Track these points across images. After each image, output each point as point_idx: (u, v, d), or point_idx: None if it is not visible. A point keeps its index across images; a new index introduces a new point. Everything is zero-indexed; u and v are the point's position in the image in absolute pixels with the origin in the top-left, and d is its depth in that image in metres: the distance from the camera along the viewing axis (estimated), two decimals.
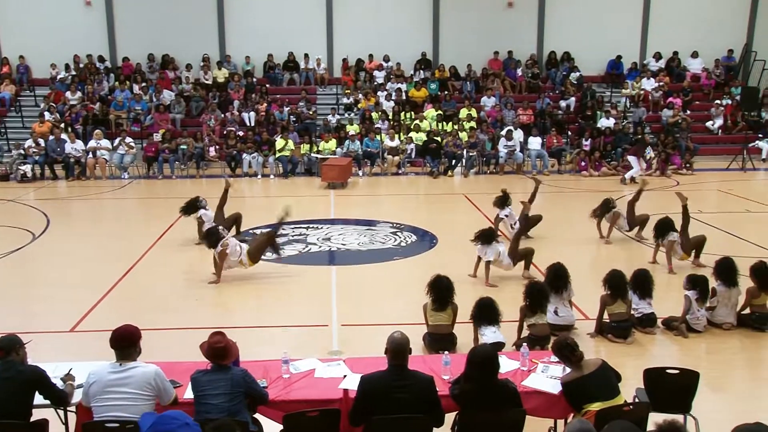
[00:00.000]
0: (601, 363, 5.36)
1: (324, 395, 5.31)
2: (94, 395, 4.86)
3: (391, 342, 5.00)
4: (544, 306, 7.53)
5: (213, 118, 21.40)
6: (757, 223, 13.70)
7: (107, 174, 19.30)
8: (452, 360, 5.62)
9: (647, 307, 8.10)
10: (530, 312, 7.45)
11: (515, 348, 7.05)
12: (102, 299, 9.42)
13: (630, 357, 7.40)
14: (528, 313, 7.46)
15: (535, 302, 7.45)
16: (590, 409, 5.07)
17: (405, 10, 24.66)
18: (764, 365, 7.64)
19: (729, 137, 22.06)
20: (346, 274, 10.66)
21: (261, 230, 12.18)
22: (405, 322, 7.53)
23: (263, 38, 24.21)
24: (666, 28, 24.73)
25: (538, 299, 7.46)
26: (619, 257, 11.21)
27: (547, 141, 20.46)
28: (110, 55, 24.39)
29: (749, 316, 8.21)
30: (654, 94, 23.15)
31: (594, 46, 24.51)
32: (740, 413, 6.04)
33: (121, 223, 14.72)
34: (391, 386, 4.87)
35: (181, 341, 7.51)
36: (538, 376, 5.63)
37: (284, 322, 8.65)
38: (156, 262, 11.25)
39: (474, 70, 24.31)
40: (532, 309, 7.45)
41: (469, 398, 4.99)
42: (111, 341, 4.95)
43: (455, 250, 11.32)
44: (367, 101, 22.54)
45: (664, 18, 24.73)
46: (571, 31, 24.65)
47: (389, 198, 17.34)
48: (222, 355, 5.02)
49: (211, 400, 4.86)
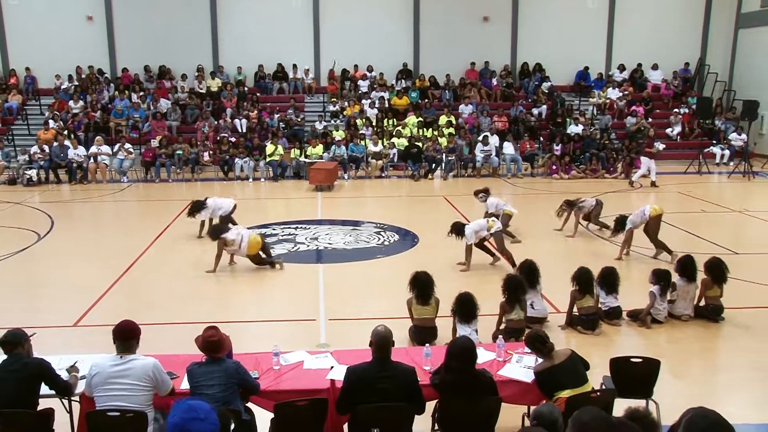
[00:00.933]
0: (570, 353, 5.39)
1: (312, 385, 5.30)
2: (96, 386, 4.83)
3: (375, 335, 4.99)
4: (522, 300, 7.52)
5: (207, 125, 21.29)
6: (711, 222, 13.85)
7: (107, 178, 19.15)
8: (433, 352, 5.63)
9: (613, 301, 8.16)
10: (510, 307, 7.45)
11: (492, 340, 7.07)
12: (103, 296, 9.35)
13: (597, 347, 7.45)
14: (508, 308, 7.46)
15: (513, 296, 7.44)
16: (561, 396, 5.09)
17: (387, 24, 24.64)
18: (718, 352, 7.72)
19: (686, 143, 22.25)
20: (332, 271, 10.64)
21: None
22: (388, 317, 7.54)
23: (254, 50, 24.13)
24: (629, 42, 24.94)
25: (516, 293, 7.45)
26: (586, 253, 11.27)
27: (521, 146, 20.53)
28: (110, 66, 24.21)
29: (705, 307, 8.30)
30: (618, 102, 23.32)
31: (563, 58, 24.64)
32: (696, 396, 6.13)
33: (121, 224, 14.61)
34: (375, 377, 4.87)
35: (177, 335, 7.46)
36: (513, 366, 5.65)
37: (275, 317, 8.63)
38: (154, 261, 11.18)
39: (452, 79, 24.36)
40: (511, 303, 7.44)
41: (448, 387, 4.99)
42: (114, 334, 4.93)
43: (436, 249, 11.34)
44: (352, 109, 22.52)
45: (627, 33, 24.94)
46: (542, 44, 24.76)
47: (373, 200, 17.32)
48: (216, 348, 4.98)
49: (205, 391, 4.83)
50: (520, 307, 7.49)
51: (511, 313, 7.44)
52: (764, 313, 8.57)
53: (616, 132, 22.21)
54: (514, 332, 7.28)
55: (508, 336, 7.08)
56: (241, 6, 24.18)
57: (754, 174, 19.24)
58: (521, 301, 7.50)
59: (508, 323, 7.43)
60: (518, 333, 7.25)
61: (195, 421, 4.02)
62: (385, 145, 20.46)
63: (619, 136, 21.95)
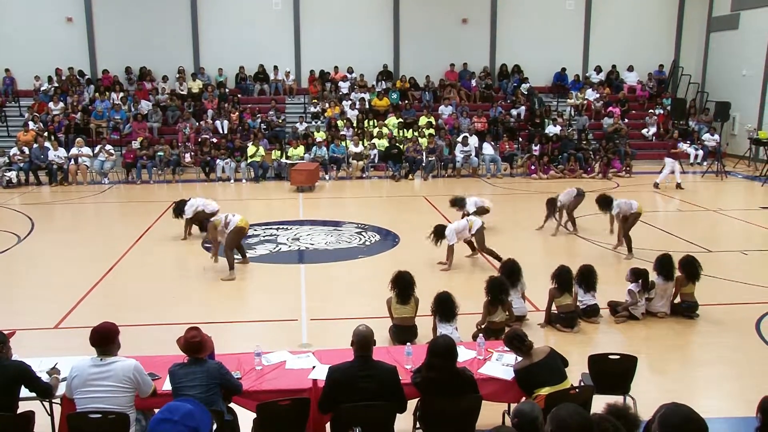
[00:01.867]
0: (549, 351, 5.41)
1: (294, 385, 5.28)
2: (76, 388, 4.78)
3: (357, 335, 4.98)
4: (506, 301, 7.54)
5: (188, 126, 21.14)
6: (686, 221, 14.01)
7: (88, 179, 18.95)
8: (414, 351, 5.63)
9: (591, 299, 8.22)
10: (493, 308, 7.46)
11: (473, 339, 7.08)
12: (84, 297, 9.24)
13: (576, 344, 7.49)
14: (491, 308, 7.47)
15: (496, 297, 7.45)
16: (540, 393, 5.11)
17: (368, 26, 24.62)
18: (693, 348, 7.80)
19: (661, 143, 22.47)
20: (314, 271, 10.61)
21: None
22: (370, 316, 7.53)
23: (235, 51, 24.00)
24: (605, 44, 25.15)
25: (499, 294, 7.46)
26: (566, 252, 11.36)
27: (500, 146, 20.61)
28: (91, 67, 23.91)
29: (680, 305, 8.40)
30: (596, 103, 23.51)
31: (541, 60, 24.80)
32: (673, 392, 6.18)
33: (102, 225, 14.47)
34: (356, 376, 4.86)
35: (159, 336, 7.40)
36: (493, 364, 5.66)
37: (256, 317, 8.59)
38: (135, 263, 11.07)
39: (432, 81, 24.41)
40: (494, 304, 7.45)
41: (429, 386, 4.99)
42: (90, 339, 4.86)
43: (416, 248, 11.35)
44: (332, 110, 22.48)
45: (604, 35, 25.15)
46: (520, 46, 24.89)
47: (354, 200, 17.30)
48: (198, 349, 4.94)
49: (187, 392, 4.79)
50: (503, 308, 7.51)
51: (494, 314, 7.46)
52: (737, 309, 8.68)
53: (593, 132, 22.40)
54: (494, 332, 7.29)
55: (489, 335, 7.10)
56: (221, 7, 24.04)
57: (727, 174, 19.51)
58: (504, 303, 7.52)
59: (490, 324, 7.44)
60: (499, 333, 7.26)
61: (164, 423, 3.99)
62: (365, 146, 20.45)
63: (596, 136, 22.13)
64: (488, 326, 7.42)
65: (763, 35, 21.77)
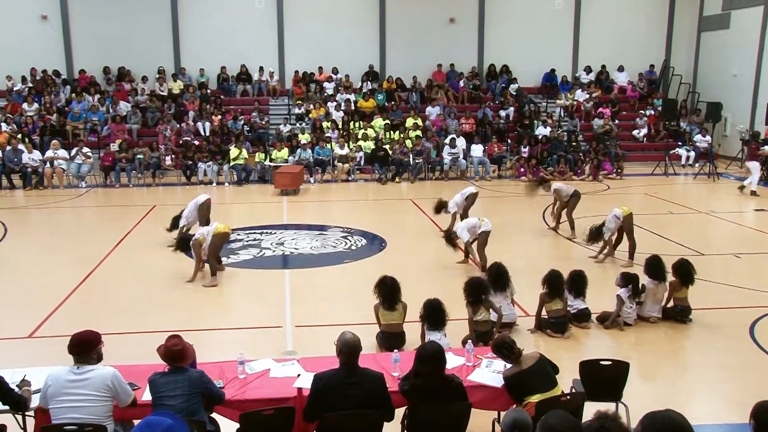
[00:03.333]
0: (539, 357, 5.42)
1: (279, 394, 5.26)
2: (52, 396, 4.71)
3: (343, 342, 4.97)
4: (484, 299, 7.54)
5: (169, 128, 21.04)
6: (678, 224, 14.11)
7: (65, 183, 18.79)
8: (401, 357, 5.63)
9: (582, 304, 8.26)
10: (473, 307, 7.48)
11: (462, 344, 7.09)
12: (60, 305, 9.15)
13: (567, 350, 7.52)
14: (474, 308, 7.48)
15: (475, 298, 7.47)
16: (530, 400, 5.12)
17: (353, 25, 24.66)
18: (686, 353, 7.85)
19: (652, 145, 22.68)
20: (299, 277, 10.59)
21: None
22: (356, 323, 7.53)
23: (217, 51, 23.92)
24: (595, 43, 25.32)
25: (477, 294, 7.48)
26: (557, 256, 11.41)
27: (489, 148, 20.70)
28: (67, 67, 23.73)
29: (673, 309, 8.45)
30: (585, 104, 23.65)
31: (530, 60, 24.93)
32: (665, 397, 6.22)
33: (79, 230, 14.33)
34: (343, 384, 4.85)
35: (139, 345, 7.34)
36: (482, 370, 5.67)
37: (240, 324, 8.54)
38: (113, 269, 10.98)
39: (419, 81, 24.46)
40: (474, 303, 7.47)
41: (417, 393, 5.00)
42: (69, 347, 4.82)
43: (404, 253, 11.36)
44: (317, 111, 22.47)
45: (593, 34, 25.32)
46: (509, 46, 25.02)
47: (340, 204, 17.28)
48: (179, 357, 4.91)
49: (168, 402, 4.75)
50: (485, 307, 7.53)
51: (476, 315, 7.47)
52: (731, 313, 8.76)
53: (583, 134, 22.53)
54: (482, 335, 7.31)
55: (478, 340, 7.11)
56: (203, 6, 23.96)
57: (719, 175, 19.70)
58: (484, 302, 7.53)
59: (475, 325, 7.46)
60: (486, 336, 7.28)
61: None
62: (351, 148, 20.44)
63: (586, 138, 22.27)
64: (475, 328, 7.43)
65: (754, 35, 22.02)
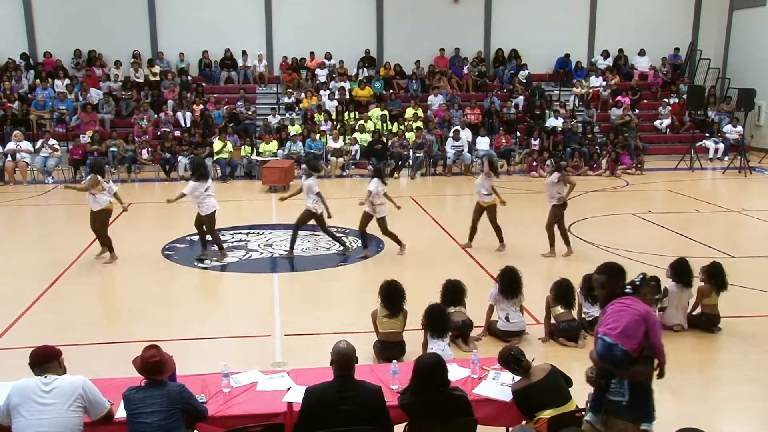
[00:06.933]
0: (550, 369, 5.44)
1: (267, 409, 5.27)
2: (16, 407, 4.64)
3: (336, 352, 4.99)
4: (460, 300, 7.90)
5: (145, 118, 21.05)
6: (705, 223, 14.13)
7: (28, 179, 18.82)
8: (401, 369, 5.64)
9: (597, 311, 8.25)
10: (449, 306, 7.75)
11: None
12: (23, 315, 9.10)
13: (580, 361, 7.49)
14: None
15: (450, 298, 7.85)
16: (542, 416, 5.14)
17: (347, 5, 24.70)
18: (715, 366, 7.87)
19: (677, 136, 22.72)
20: (289, 281, 10.61)
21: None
22: (351, 331, 7.55)
23: (198, 34, 23.93)
24: (613, 25, 25.36)
25: (453, 295, 7.85)
26: (568, 260, 11.39)
27: (496, 141, 20.72)
28: (30, 49, 23.63)
29: (699, 317, 8.43)
30: (603, 92, 23.67)
31: (542, 44, 24.95)
32: (691, 414, 6.23)
33: (45, 231, 14.34)
34: (336, 397, 4.86)
35: (112, 357, 7.35)
36: (489, 383, 5.67)
37: (224, 333, 8.55)
38: (83, 273, 10.97)
39: (420, 68, 24.46)
40: (447, 304, 7.71)
41: (417, 408, 5.01)
42: (30, 360, 4.82)
43: (402, 255, 11.37)
44: (309, 101, 22.49)
45: (611, 15, 25.35)
46: (518, 28, 25.04)
47: (333, 201, 17.16)
48: (157, 370, 4.91)
49: (145, 419, 4.75)
50: (462, 304, 7.90)
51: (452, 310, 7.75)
52: (764, 322, 8.76)
53: (600, 125, 22.55)
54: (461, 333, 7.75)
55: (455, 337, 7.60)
56: None
57: (751, 170, 19.71)
58: (458, 302, 7.87)
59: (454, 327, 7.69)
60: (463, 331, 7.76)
61: None
62: (346, 141, 20.47)
63: (603, 129, 22.29)
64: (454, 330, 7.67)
65: None
